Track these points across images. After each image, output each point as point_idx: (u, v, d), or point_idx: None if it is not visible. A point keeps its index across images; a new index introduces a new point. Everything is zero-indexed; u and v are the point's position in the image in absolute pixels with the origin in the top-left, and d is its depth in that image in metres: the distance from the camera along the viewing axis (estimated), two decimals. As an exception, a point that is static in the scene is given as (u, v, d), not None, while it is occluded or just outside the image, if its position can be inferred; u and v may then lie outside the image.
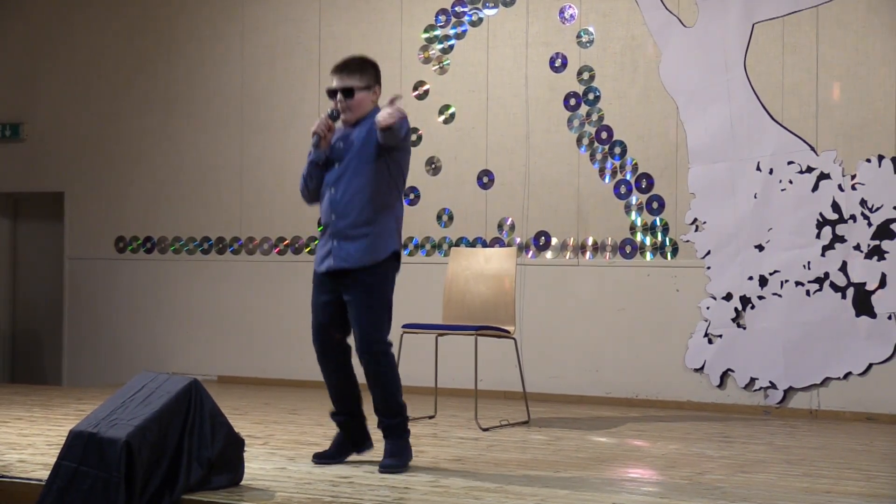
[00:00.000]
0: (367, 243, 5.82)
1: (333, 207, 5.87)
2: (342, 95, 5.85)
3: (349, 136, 5.88)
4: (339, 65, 5.91)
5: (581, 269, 9.15)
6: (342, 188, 5.84)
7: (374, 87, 5.92)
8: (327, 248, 5.91)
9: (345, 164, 5.84)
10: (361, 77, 5.87)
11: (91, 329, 11.15)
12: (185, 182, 10.77)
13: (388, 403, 5.86)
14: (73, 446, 5.14)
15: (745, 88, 8.59)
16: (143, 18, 11.01)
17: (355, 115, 5.88)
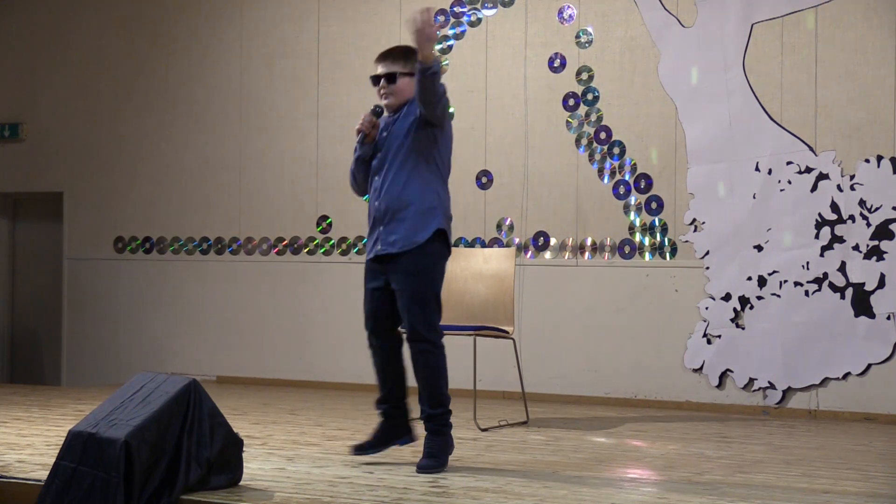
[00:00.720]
0: (410, 225, 5.82)
1: (378, 194, 5.90)
2: (385, 81, 5.91)
3: (392, 124, 5.93)
4: (383, 52, 6.01)
5: (580, 270, 9.15)
6: (384, 175, 5.87)
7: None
8: (375, 234, 5.93)
9: (388, 152, 5.88)
10: (405, 63, 5.91)
11: (90, 329, 11.15)
12: (184, 182, 10.77)
13: (433, 393, 5.84)
14: (72, 446, 5.15)
15: (744, 89, 8.59)
16: (142, 18, 11.01)
17: (398, 100, 5.91)
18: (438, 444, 5.84)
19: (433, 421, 5.86)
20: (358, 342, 9.84)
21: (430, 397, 5.85)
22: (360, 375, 9.84)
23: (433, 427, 5.86)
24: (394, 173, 5.85)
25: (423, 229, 5.83)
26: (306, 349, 10.17)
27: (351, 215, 10.00)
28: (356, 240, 9.97)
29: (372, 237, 5.96)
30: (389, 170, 5.87)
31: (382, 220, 5.88)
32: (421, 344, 5.82)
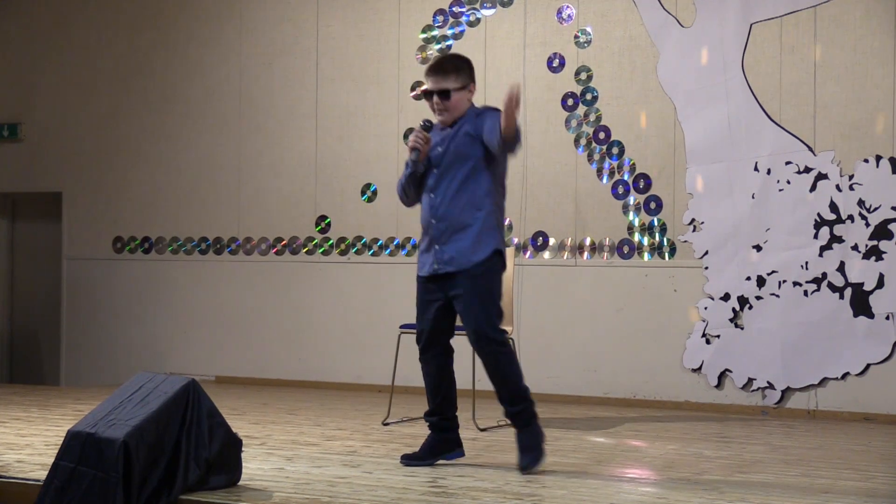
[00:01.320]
0: (468, 245, 5.76)
1: (433, 212, 5.83)
2: (438, 97, 5.82)
3: (447, 138, 5.85)
4: (432, 65, 5.90)
5: (579, 270, 9.15)
6: (442, 192, 5.81)
7: (469, 86, 5.88)
8: (430, 252, 5.86)
9: (444, 168, 5.81)
10: (457, 77, 5.84)
11: (89, 329, 11.15)
12: (183, 182, 10.77)
13: (511, 391, 5.80)
14: (71, 446, 5.14)
15: (743, 89, 8.59)
16: (141, 18, 11.01)
17: (452, 116, 5.85)
18: (529, 436, 5.79)
19: (519, 418, 5.82)
20: (356, 342, 9.89)
21: (511, 395, 5.80)
22: (359, 375, 9.85)
23: (520, 423, 5.81)
24: (452, 195, 5.79)
25: (481, 250, 5.77)
26: (305, 349, 10.17)
27: (350, 215, 10.00)
28: (355, 240, 9.97)
29: (427, 254, 5.88)
30: (447, 189, 5.79)
31: (439, 240, 5.81)
32: (490, 346, 5.74)
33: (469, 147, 5.78)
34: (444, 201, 5.80)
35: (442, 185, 5.81)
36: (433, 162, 5.85)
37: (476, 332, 5.72)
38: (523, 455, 5.77)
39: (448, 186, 5.79)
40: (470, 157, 5.78)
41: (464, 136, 5.80)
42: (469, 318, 5.74)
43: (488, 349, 5.74)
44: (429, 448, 5.99)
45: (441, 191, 5.81)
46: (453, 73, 5.84)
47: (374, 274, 9.88)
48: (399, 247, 9.77)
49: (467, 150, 5.78)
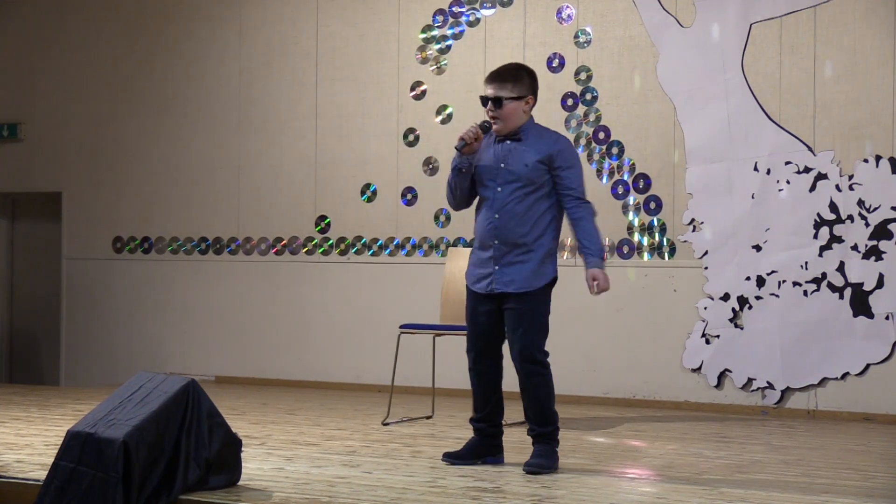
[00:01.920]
0: (530, 270, 5.82)
1: (496, 233, 5.84)
2: (492, 104, 5.83)
3: (509, 155, 5.85)
4: (492, 72, 5.92)
5: (578, 270, 9.07)
6: (508, 215, 5.82)
7: (526, 97, 5.87)
8: (488, 270, 5.87)
9: (509, 190, 5.81)
10: (514, 86, 5.83)
11: (89, 329, 11.15)
12: (182, 182, 10.77)
13: (542, 412, 5.87)
14: (71, 446, 5.14)
15: (743, 88, 8.59)
16: (140, 18, 11.01)
17: (506, 125, 5.84)
18: (547, 450, 5.88)
19: (542, 437, 5.90)
20: (356, 342, 9.89)
21: (539, 417, 5.88)
22: (358, 375, 9.85)
23: (542, 441, 5.90)
24: (518, 218, 5.81)
25: (542, 276, 5.85)
26: (305, 349, 10.17)
27: (349, 215, 10.00)
28: (354, 240, 9.97)
29: (483, 269, 5.90)
30: (513, 211, 5.81)
31: (500, 261, 5.84)
32: (533, 366, 5.82)
33: (540, 175, 5.80)
34: (509, 224, 5.82)
35: (508, 208, 5.81)
36: (498, 179, 5.84)
37: (523, 351, 5.80)
38: (535, 458, 5.85)
39: (514, 209, 5.81)
40: (539, 185, 5.82)
41: (534, 153, 5.80)
42: (518, 336, 5.81)
43: (531, 369, 5.83)
44: (471, 448, 6.06)
45: (507, 213, 5.82)
46: (510, 81, 5.84)
47: (374, 274, 9.88)
48: (399, 247, 9.77)
49: (537, 178, 5.80)
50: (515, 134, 5.86)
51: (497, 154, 5.87)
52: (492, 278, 5.85)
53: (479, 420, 6.04)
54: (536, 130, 5.91)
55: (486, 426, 6.03)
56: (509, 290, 5.82)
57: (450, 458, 6.03)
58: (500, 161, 5.84)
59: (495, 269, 5.84)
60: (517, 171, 5.80)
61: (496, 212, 5.83)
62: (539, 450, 5.88)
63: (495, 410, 6.03)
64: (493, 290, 5.85)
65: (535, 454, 5.87)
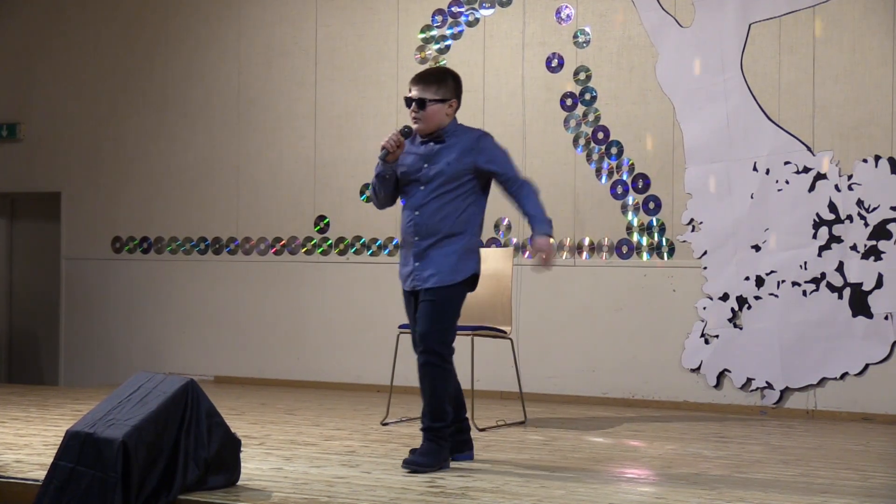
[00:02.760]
0: (448, 265, 5.85)
1: (417, 230, 5.88)
2: (415, 105, 5.90)
3: (432, 155, 5.90)
4: (417, 75, 5.99)
5: (577, 270, 9.15)
6: (427, 211, 5.86)
7: (450, 101, 5.93)
8: (409, 268, 5.92)
9: (431, 188, 5.86)
10: (438, 89, 5.89)
11: (88, 329, 11.15)
12: (181, 182, 10.77)
13: (435, 407, 5.84)
14: (70, 446, 5.14)
15: (742, 88, 8.59)
16: (139, 18, 11.01)
17: (427, 126, 5.90)
18: (432, 448, 5.84)
19: (431, 433, 5.86)
20: (355, 342, 9.89)
21: (433, 411, 5.84)
22: (358, 375, 9.85)
23: (430, 437, 5.86)
24: (439, 216, 5.85)
25: (460, 271, 5.87)
26: (304, 349, 10.17)
27: (348, 215, 10.00)
28: (353, 240, 9.97)
29: (406, 267, 5.95)
30: (435, 209, 5.85)
31: (420, 257, 5.87)
32: (431, 356, 5.81)
33: (461, 173, 5.86)
34: (428, 221, 5.86)
35: (429, 204, 5.86)
36: (419, 179, 5.89)
37: (425, 337, 5.81)
38: (417, 455, 5.82)
39: (435, 206, 5.86)
40: (461, 184, 5.87)
41: (455, 153, 5.86)
42: (424, 323, 5.82)
43: (428, 359, 5.80)
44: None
45: (428, 209, 5.86)
46: (434, 84, 5.91)
47: (373, 274, 9.88)
48: (398, 247, 9.77)
49: (458, 176, 5.86)
50: (438, 136, 5.93)
51: (420, 155, 5.93)
52: (413, 275, 5.90)
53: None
54: (459, 131, 5.97)
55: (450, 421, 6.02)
56: (427, 286, 5.84)
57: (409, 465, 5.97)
58: (423, 161, 5.91)
59: (416, 265, 5.89)
60: (439, 171, 5.86)
61: (416, 209, 5.89)
62: (424, 447, 5.85)
63: (455, 407, 6.01)
64: (415, 286, 5.90)
65: (419, 451, 5.84)
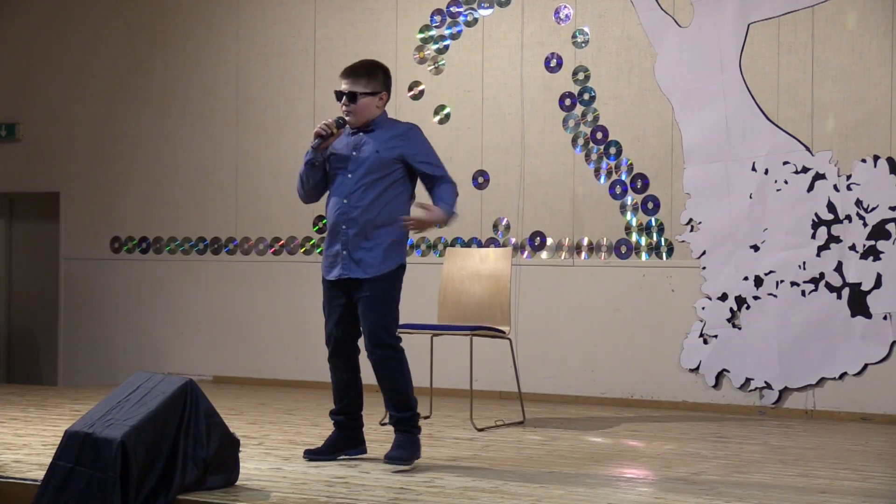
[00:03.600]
0: (379, 255, 5.90)
1: (344, 217, 5.91)
2: (346, 98, 5.94)
3: (362, 144, 5.95)
4: (347, 68, 6.02)
5: (576, 270, 9.15)
6: (356, 199, 5.89)
7: (380, 94, 5.98)
8: (337, 257, 5.97)
9: (361, 175, 5.90)
10: (368, 82, 5.94)
11: (86, 329, 11.15)
12: (180, 182, 10.77)
13: (398, 397, 5.91)
14: (69, 446, 5.14)
15: (741, 88, 8.59)
16: (138, 18, 11.01)
17: (358, 119, 5.95)
18: (407, 440, 5.90)
19: (402, 424, 5.92)
20: (354, 342, 9.87)
21: (397, 401, 5.91)
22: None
23: (402, 428, 5.92)
24: (366, 203, 5.89)
25: (390, 260, 5.93)
26: (303, 349, 10.16)
27: (347, 215, 9.99)
28: (353, 240, 9.96)
29: (332, 256, 6.00)
30: (362, 197, 5.88)
31: (349, 245, 5.92)
32: (384, 350, 5.89)
33: (389, 163, 5.90)
34: (358, 208, 5.89)
35: (357, 192, 5.89)
36: (348, 167, 5.93)
37: (372, 334, 5.88)
38: (394, 449, 5.87)
39: (364, 194, 5.89)
40: (389, 173, 5.91)
41: (384, 143, 5.91)
42: (368, 321, 5.90)
43: (382, 353, 5.89)
44: (332, 444, 6.12)
45: (356, 197, 5.89)
46: (364, 77, 5.96)
47: (372, 274, 9.86)
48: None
49: (386, 165, 5.90)
50: (368, 126, 5.98)
51: (349, 144, 5.98)
52: (342, 265, 5.95)
53: (338, 413, 6.11)
54: (388, 123, 6.04)
55: (345, 419, 6.10)
56: (358, 276, 5.89)
57: (310, 455, 6.08)
58: (351, 150, 5.95)
59: (344, 254, 5.93)
60: (368, 159, 5.90)
61: (345, 197, 5.91)
62: (399, 440, 5.90)
63: (354, 403, 6.09)
64: (340, 276, 5.95)
65: (395, 445, 5.89)
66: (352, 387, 6.10)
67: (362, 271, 5.89)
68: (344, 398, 6.10)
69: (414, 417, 5.94)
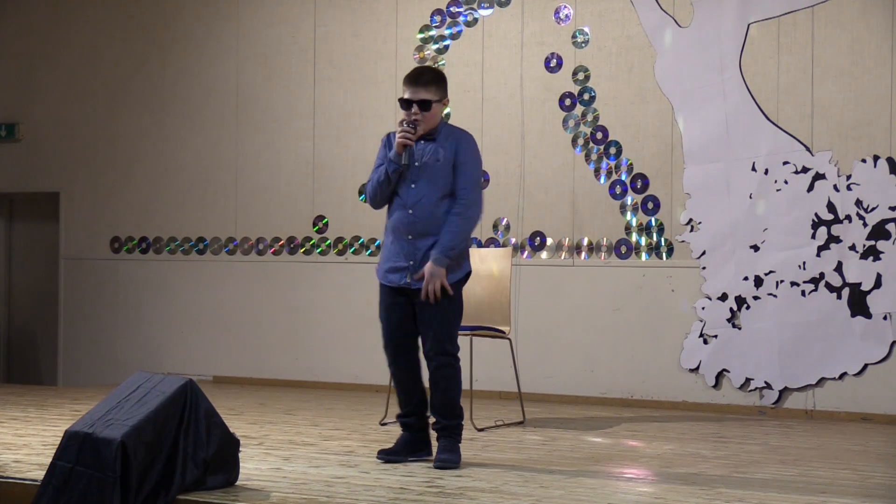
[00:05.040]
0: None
1: (412, 228, 5.92)
2: (418, 107, 5.92)
3: (425, 152, 5.95)
4: (412, 76, 6.00)
5: (576, 270, 9.15)
6: (421, 209, 5.91)
7: (444, 100, 6.03)
8: (400, 263, 5.97)
9: (424, 184, 5.91)
10: (437, 89, 5.97)
11: (86, 329, 11.14)
12: (180, 182, 10.77)
13: (451, 406, 5.95)
14: (69, 446, 5.14)
15: (741, 88, 8.59)
16: (138, 18, 11.01)
17: (427, 126, 5.95)
18: (452, 445, 5.96)
19: (448, 430, 5.97)
20: (354, 342, 9.89)
21: (447, 408, 5.95)
22: (356, 375, 9.84)
23: (448, 435, 5.97)
24: (433, 213, 5.90)
25: (459, 270, 5.96)
26: (303, 349, 10.17)
27: (347, 215, 10.00)
28: (352, 240, 9.97)
29: (396, 263, 5.98)
30: (429, 206, 5.89)
31: (415, 256, 5.92)
32: (445, 358, 5.92)
33: (448, 165, 5.93)
34: (423, 217, 5.90)
35: (423, 203, 5.90)
36: (411, 175, 5.93)
37: (437, 342, 5.89)
38: (443, 453, 5.92)
39: (429, 205, 5.90)
40: (448, 176, 5.93)
41: (447, 152, 5.93)
42: (433, 329, 5.90)
43: (443, 360, 5.91)
44: (404, 444, 6.11)
45: (422, 208, 5.90)
46: (434, 84, 5.97)
47: (371, 274, 9.79)
48: (395, 247, 9.76)
49: (447, 168, 5.92)
50: (430, 134, 5.99)
51: (412, 153, 5.95)
52: (406, 272, 5.94)
53: (406, 416, 6.11)
54: (447, 129, 6.06)
55: (415, 420, 6.11)
56: (420, 285, 5.88)
57: (385, 455, 6.08)
58: (415, 158, 5.95)
59: (409, 263, 5.93)
60: (431, 168, 5.92)
61: (410, 207, 5.92)
62: (446, 445, 5.95)
63: (421, 403, 6.10)
64: (408, 284, 5.93)
65: (442, 449, 5.94)
66: (416, 388, 6.10)
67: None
68: (410, 401, 6.08)
69: (460, 426, 6.01)
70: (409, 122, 5.90)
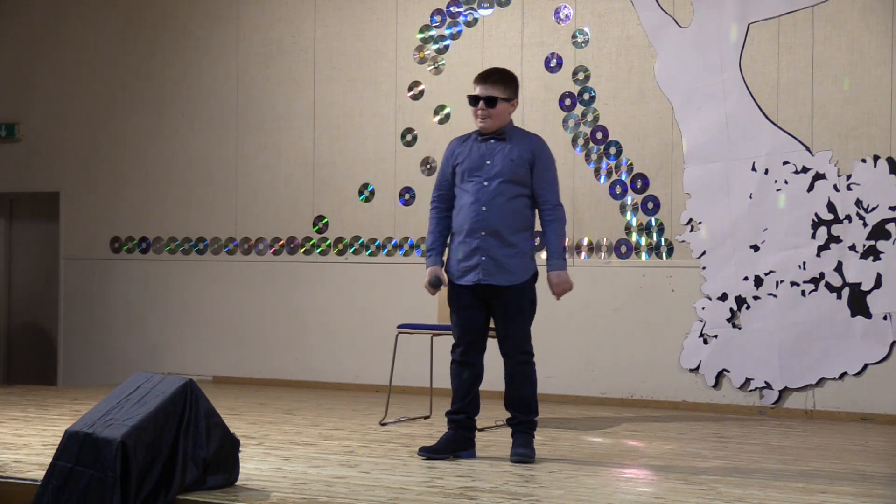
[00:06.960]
0: (520, 262, 6.06)
1: (485, 225, 6.01)
2: (484, 103, 6.03)
3: (496, 150, 6.05)
4: (483, 74, 6.13)
5: (576, 270, 9.13)
6: (495, 207, 6.00)
7: (513, 100, 6.10)
8: (474, 262, 6.05)
9: (496, 183, 6.00)
10: (505, 88, 6.05)
11: (86, 329, 11.15)
12: (180, 182, 10.77)
13: (528, 402, 6.12)
14: (69, 446, 5.14)
15: (741, 88, 8.59)
16: (138, 19, 11.01)
17: (494, 123, 6.06)
18: (528, 440, 6.12)
19: (524, 426, 6.13)
20: (354, 342, 9.89)
21: (526, 406, 6.12)
22: (356, 375, 9.85)
23: (524, 430, 6.13)
24: (505, 210, 6.01)
25: (528, 269, 6.09)
26: (302, 349, 10.17)
27: (347, 215, 10.00)
28: (352, 240, 9.97)
29: (468, 261, 6.06)
30: (501, 203, 6.00)
31: (488, 252, 6.01)
32: (524, 356, 6.10)
33: (523, 173, 6.03)
34: (497, 215, 6.00)
35: (496, 200, 6.00)
36: (483, 174, 6.03)
37: (516, 341, 6.08)
38: (520, 448, 6.09)
39: (501, 201, 6.01)
40: (522, 182, 6.04)
41: (517, 152, 6.03)
42: (510, 327, 6.08)
43: (522, 359, 6.11)
44: (447, 442, 6.20)
45: (495, 205, 6.00)
46: (501, 83, 6.07)
47: (372, 274, 9.88)
48: (396, 247, 9.77)
49: (520, 175, 6.02)
50: (500, 133, 6.09)
51: (482, 151, 6.08)
52: (479, 270, 6.02)
53: (457, 412, 6.21)
54: (518, 131, 6.18)
55: (465, 418, 6.20)
56: (501, 283, 6.01)
57: (426, 453, 6.16)
58: (485, 158, 6.06)
59: (483, 260, 6.01)
60: (503, 167, 6.02)
61: (484, 205, 6.01)
62: (521, 440, 6.11)
63: (473, 404, 6.23)
64: (480, 281, 6.02)
65: (519, 444, 6.10)
66: (474, 388, 6.23)
67: (505, 278, 6.01)
68: (466, 398, 6.20)
69: (535, 422, 6.15)
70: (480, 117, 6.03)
